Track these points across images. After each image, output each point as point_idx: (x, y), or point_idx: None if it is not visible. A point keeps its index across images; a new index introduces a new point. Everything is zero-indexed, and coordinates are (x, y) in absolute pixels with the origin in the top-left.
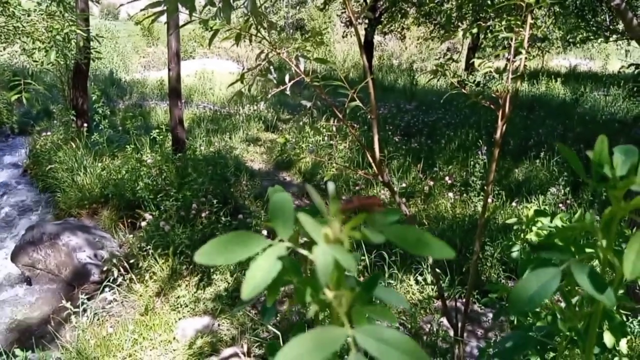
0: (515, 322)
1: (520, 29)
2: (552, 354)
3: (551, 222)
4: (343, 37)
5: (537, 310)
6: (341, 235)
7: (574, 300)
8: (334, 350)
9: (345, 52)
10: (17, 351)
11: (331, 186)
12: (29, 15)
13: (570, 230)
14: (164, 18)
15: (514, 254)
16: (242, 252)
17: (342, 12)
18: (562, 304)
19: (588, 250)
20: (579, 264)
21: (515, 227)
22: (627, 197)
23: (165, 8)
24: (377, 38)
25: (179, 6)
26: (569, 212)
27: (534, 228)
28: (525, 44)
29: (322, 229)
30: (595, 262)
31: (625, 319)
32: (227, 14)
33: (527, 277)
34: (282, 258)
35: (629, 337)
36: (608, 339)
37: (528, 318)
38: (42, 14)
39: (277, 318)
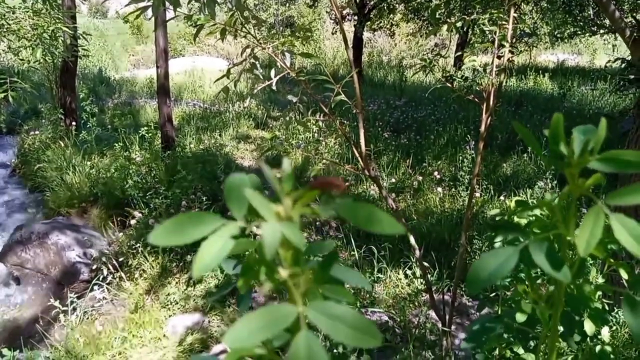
0: (499, 312)
1: (504, 23)
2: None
3: (531, 212)
4: (332, 33)
5: (518, 298)
6: (292, 212)
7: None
8: (284, 327)
9: (335, 48)
10: (5, 351)
11: (286, 164)
12: (13, 13)
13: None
14: (150, 14)
15: (497, 245)
16: (196, 232)
17: (331, 9)
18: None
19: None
20: (537, 243)
21: (498, 219)
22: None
23: (150, 3)
24: (366, 35)
25: (165, 2)
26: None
27: (516, 218)
28: (509, 38)
29: (273, 207)
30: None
31: (609, 308)
32: (211, 9)
33: (484, 256)
34: (237, 237)
35: (614, 327)
36: (589, 327)
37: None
38: (27, 12)
39: None
